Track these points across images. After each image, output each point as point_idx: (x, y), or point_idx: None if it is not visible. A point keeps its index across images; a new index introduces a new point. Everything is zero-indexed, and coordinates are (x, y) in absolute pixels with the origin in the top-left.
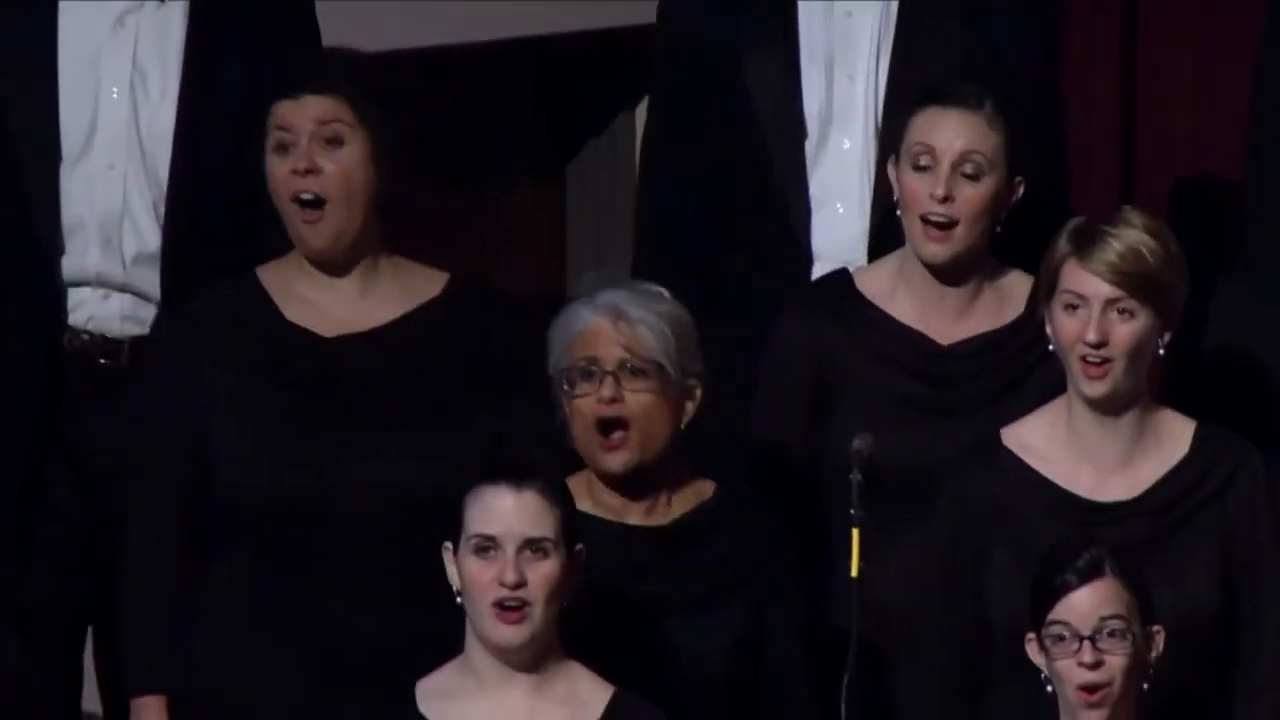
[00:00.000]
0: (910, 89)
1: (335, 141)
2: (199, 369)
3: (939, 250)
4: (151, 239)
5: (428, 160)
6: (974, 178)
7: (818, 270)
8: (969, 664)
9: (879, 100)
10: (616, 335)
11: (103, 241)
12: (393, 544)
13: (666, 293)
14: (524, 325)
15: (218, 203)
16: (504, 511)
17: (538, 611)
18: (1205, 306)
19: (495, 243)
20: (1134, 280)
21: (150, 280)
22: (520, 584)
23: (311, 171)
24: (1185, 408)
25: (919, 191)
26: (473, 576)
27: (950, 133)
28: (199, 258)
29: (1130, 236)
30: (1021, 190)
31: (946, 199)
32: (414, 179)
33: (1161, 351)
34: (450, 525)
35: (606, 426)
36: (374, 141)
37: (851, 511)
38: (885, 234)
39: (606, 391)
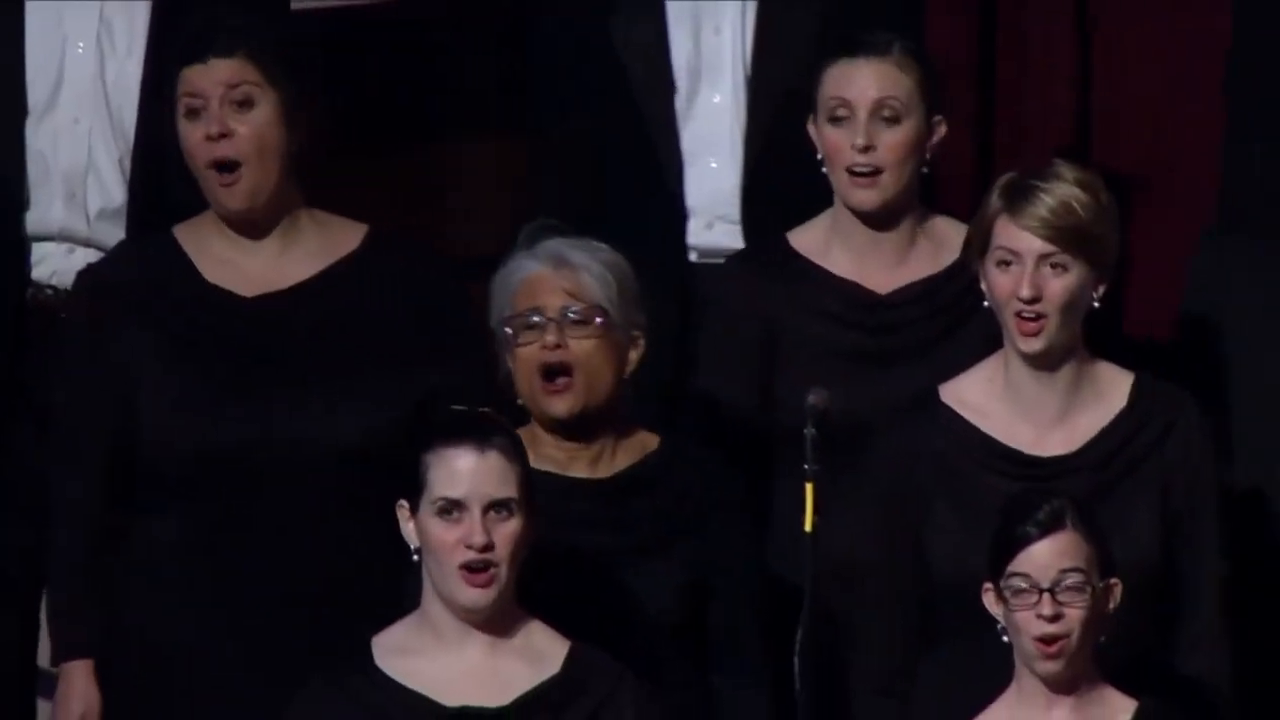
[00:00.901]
0: (777, 39)
1: (246, 104)
2: (118, 329)
3: (868, 196)
4: (116, 194)
5: (388, 113)
6: (892, 123)
7: (692, 226)
8: (915, 613)
9: (746, 52)
10: (559, 281)
11: (67, 196)
12: (320, 497)
13: (605, 246)
14: (444, 275)
15: (183, 158)
16: (469, 473)
17: (504, 571)
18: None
19: (456, 198)
20: (1066, 234)
21: (114, 235)
22: (488, 546)
23: (224, 135)
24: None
25: (840, 144)
26: (437, 538)
27: (863, 82)
28: (164, 213)
29: (1061, 190)
30: (944, 129)
31: (868, 148)
32: (331, 130)
33: (1096, 304)
34: (407, 484)
35: (550, 372)
36: (284, 98)
37: (806, 466)
38: (758, 187)
39: (550, 338)
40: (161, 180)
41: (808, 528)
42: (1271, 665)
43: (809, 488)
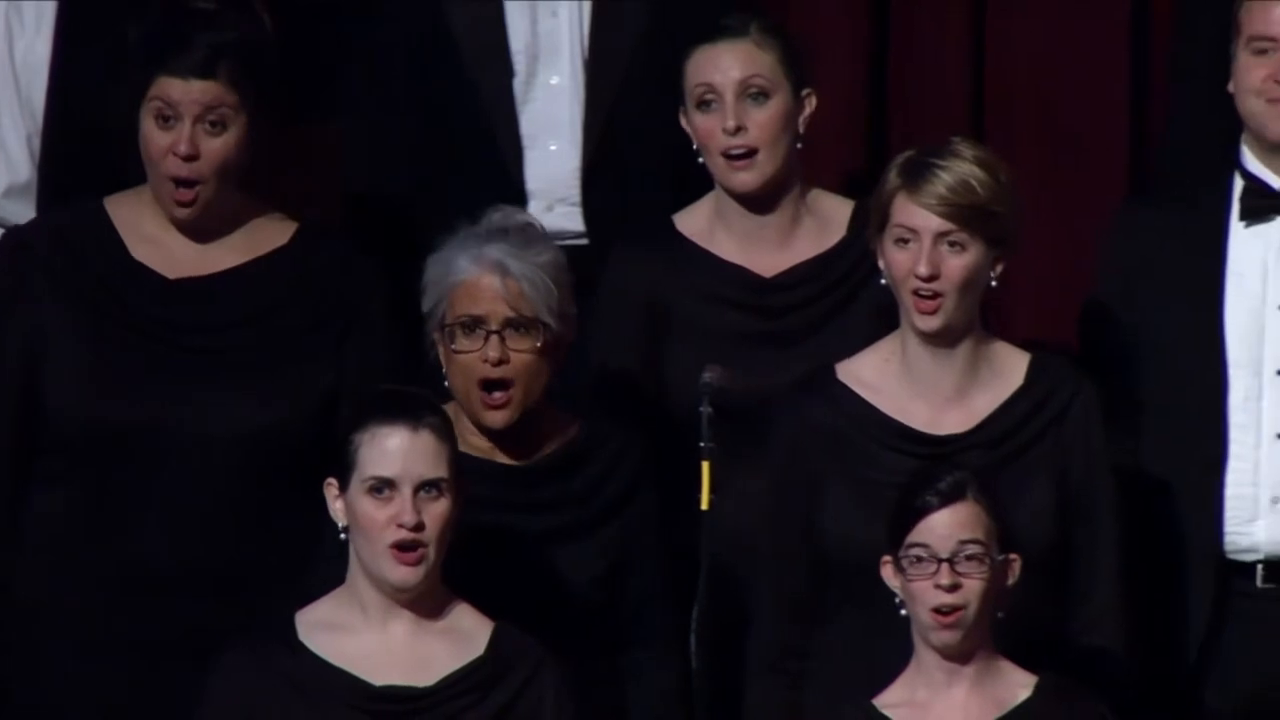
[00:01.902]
0: (615, 21)
1: (218, 125)
2: (35, 295)
3: (747, 178)
4: (23, 171)
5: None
6: (760, 100)
7: (532, 208)
8: (807, 590)
9: (584, 35)
10: (503, 292)
11: None
12: (212, 483)
13: (539, 226)
14: (367, 274)
15: (92, 135)
16: (401, 453)
17: (433, 551)
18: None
19: (293, 177)
20: (964, 213)
21: (22, 213)
22: (419, 526)
23: (192, 157)
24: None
25: (712, 129)
26: (368, 517)
27: (724, 64)
28: (73, 190)
29: (959, 169)
30: (814, 102)
31: (739, 129)
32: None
33: (994, 283)
34: (335, 463)
35: (490, 386)
36: (252, 120)
37: (701, 444)
38: (598, 169)
39: (492, 353)
40: (71, 157)
41: (704, 505)
42: (1167, 641)
43: (705, 466)
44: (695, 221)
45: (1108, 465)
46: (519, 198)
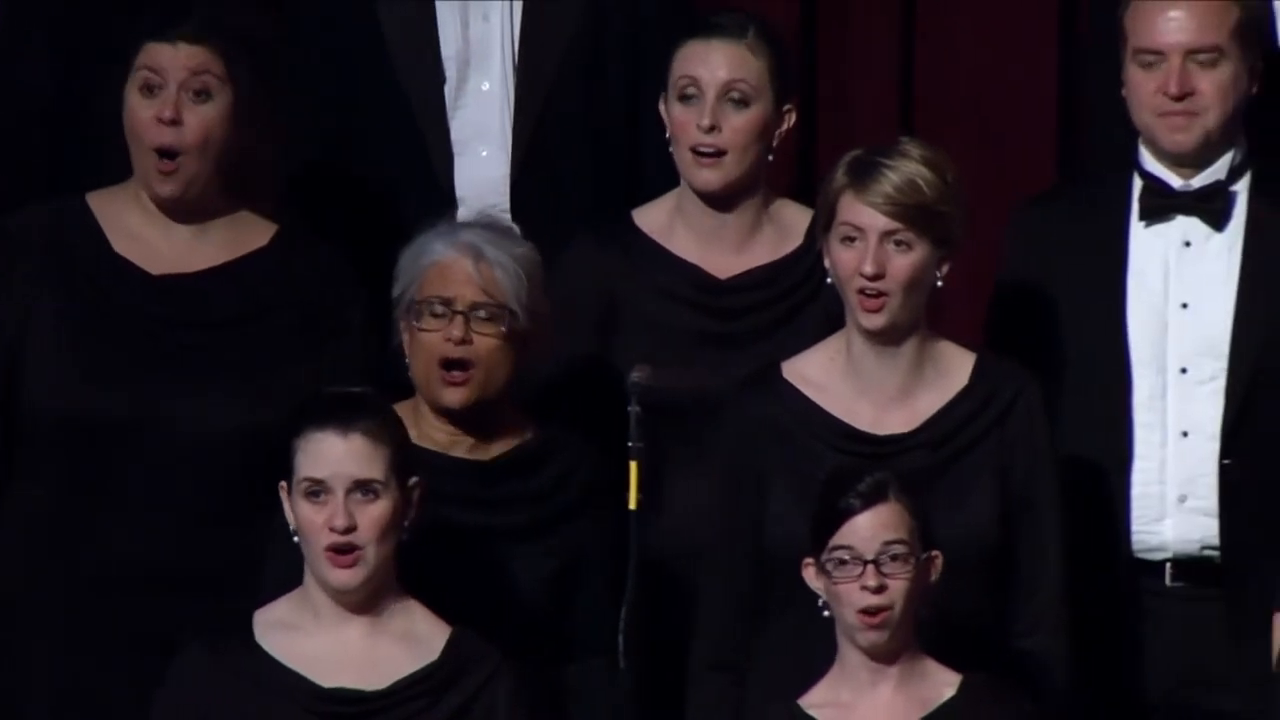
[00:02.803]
0: (545, 27)
1: (203, 93)
2: (17, 286)
3: (711, 178)
4: None
5: None
6: (740, 106)
7: (462, 214)
8: (752, 587)
9: (515, 40)
10: (474, 276)
11: None
12: (189, 480)
13: (517, 228)
14: (345, 278)
15: (32, 134)
16: (332, 456)
17: (370, 553)
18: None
19: None
20: (910, 212)
21: None
22: (350, 528)
23: (175, 122)
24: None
25: (686, 123)
26: (305, 520)
27: (713, 63)
28: (13, 190)
29: (906, 168)
30: (793, 118)
31: (713, 128)
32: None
33: (940, 283)
34: (283, 467)
35: (450, 365)
36: (238, 96)
37: (629, 444)
38: (527, 176)
39: (456, 332)
40: (10, 157)
41: (632, 505)
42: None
43: (633, 466)
44: (655, 218)
45: (1052, 463)
46: (449, 203)
